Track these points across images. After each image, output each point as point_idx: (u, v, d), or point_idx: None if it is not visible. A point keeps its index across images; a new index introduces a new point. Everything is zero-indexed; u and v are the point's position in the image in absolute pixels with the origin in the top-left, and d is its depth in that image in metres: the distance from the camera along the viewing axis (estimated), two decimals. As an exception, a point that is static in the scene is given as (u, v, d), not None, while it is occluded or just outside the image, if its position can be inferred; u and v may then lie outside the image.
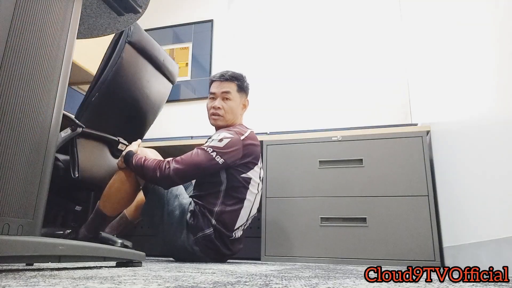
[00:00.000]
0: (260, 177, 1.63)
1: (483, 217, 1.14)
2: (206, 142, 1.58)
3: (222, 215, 1.50)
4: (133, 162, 1.51)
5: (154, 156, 1.61)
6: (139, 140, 1.69)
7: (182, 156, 1.49)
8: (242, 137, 1.54)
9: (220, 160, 1.47)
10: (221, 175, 1.53)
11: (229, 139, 1.51)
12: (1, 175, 0.68)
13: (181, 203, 1.52)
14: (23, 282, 0.51)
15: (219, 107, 1.66)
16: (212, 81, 1.73)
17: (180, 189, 1.56)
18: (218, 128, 1.69)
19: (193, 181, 1.79)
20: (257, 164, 1.59)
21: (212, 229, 1.48)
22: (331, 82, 2.69)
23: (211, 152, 1.47)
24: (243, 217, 1.55)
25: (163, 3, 3.27)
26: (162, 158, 1.62)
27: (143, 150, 1.61)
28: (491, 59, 1.03)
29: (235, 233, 1.54)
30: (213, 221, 1.49)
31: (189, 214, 1.51)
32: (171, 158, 1.50)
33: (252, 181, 1.56)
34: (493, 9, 1.01)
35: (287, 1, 2.98)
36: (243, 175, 1.54)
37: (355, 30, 2.74)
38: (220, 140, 1.51)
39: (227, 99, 1.67)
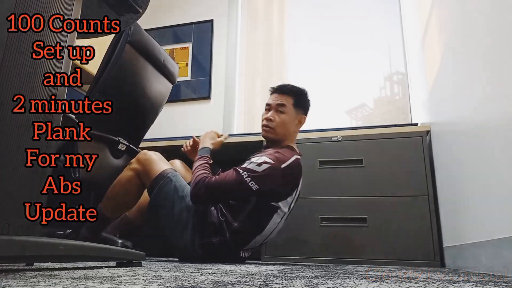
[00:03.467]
0: (290, 207, 1.54)
1: (483, 217, 1.14)
2: (246, 161, 1.49)
3: (237, 234, 1.46)
4: (196, 161, 1.53)
5: (160, 159, 1.59)
6: (213, 132, 1.69)
7: (217, 176, 1.43)
8: (283, 165, 1.43)
9: (254, 186, 1.38)
10: (251, 200, 1.47)
11: (268, 165, 1.40)
12: (1, 175, 0.68)
13: (188, 205, 1.49)
14: (23, 282, 0.51)
15: (271, 119, 1.58)
16: (271, 92, 1.67)
17: (186, 190, 1.53)
18: (268, 140, 1.63)
19: None
20: (291, 195, 1.52)
21: (220, 238, 1.46)
22: (331, 82, 2.69)
23: (246, 176, 1.38)
24: (257, 242, 1.52)
25: (163, 3, 3.27)
26: (166, 162, 1.62)
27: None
28: (491, 58, 1.03)
29: (242, 253, 1.52)
30: (227, 234, 1.45)
31: (197, 216, 1.48)
32: (211, 176, 1.45)
33: (279, 211, 1.49)
34: (493, 8, 1.01)
35: (286, 1, 2.98)
36: (272, 203, 1.47)
37: (355, 29, 2.74)
38: (259, 164, 1.41)
39: (281, 112, 1.58)
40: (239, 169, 1.42)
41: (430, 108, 1.86)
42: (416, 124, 2.03)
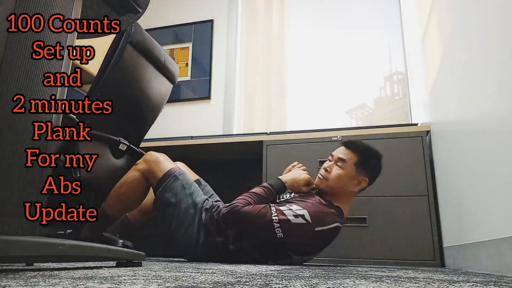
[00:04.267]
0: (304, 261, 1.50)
1: (483, 217, 1.14)
2: (287, 202, 1.42)
3: (242, 250, 1.45)
4: (257, 187, 1.47)
5: (166, 160, 1.59)
6: (305, 175, 1.52)
7: (250, 206, 1.37)
8: (317, 228, 1.35)
9: (279, 234, 1.33)
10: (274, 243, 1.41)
11: (304, 222, 1.33)
12: (1, 175, 0.68)
13: (195, 202, 1.50)
14: (23, 282, 0.51)
15: (327, 170, 1.49)
16: (340, 144, 1.56)
17: (193, 187, 1.54)
18: (320, 190, 1.51)
19: (202, 182, 1.77)
20: (311, 255, 1.48)
21: (223, 239, 1.46)
22: (331, 82, 2.69)
23: (276, 221, 1.32)
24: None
25: (163, 3, 3.27)
26: (172, 162, 1.62)
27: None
28: (491, 58, 1.03)
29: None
30: (232, 246, 1.45)
31: (204, 213, 1.49)
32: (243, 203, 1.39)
33: (288, 261, 1.45)
34: (493, 8, 1.01)
35: (287, 1, 2.98)
36: (289, 252, 1.43)
37: (355, 30, 2.74)
38: (296, 216, 1.33)
39: (339, 167, 1.47)
40: (273, 210, 1.35)
41: (430, 108, 1.86)
42: (416, 124, 2.03)
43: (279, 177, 1.53)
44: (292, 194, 1.55)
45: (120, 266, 0.96)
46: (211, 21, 3.07)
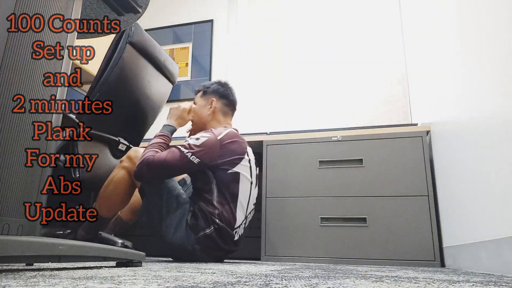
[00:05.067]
0: (251, 173, 1.60)
1: (483, 217, 1.14)
2: (185, 140, 1.58)
3: (223, 214, 1.49)
4: (153, 138, 1.60)
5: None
6: (181, 110, 1.70)
7: (160, 153, 1.49)
8: (219, 137, 1.52)
9: (195, 160, 1.46)
10: (208, 172, 1.52)
11: (206, 138, 1.50)
12: (1, 175, 0.68)
13: (180, 203, 1.51)
14: (23, 282, 0.51)
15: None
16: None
17: (178, 190, 1.55)
18: (195, 130, 1.74)
19: (187, 180, 1.78)
20: (243, 159, 1.57)
21: (212, 228, 1.47)
22: (331, 82, 2.69)
23: (186, 152, 1.47)
24: (240, 215, 1.54)
25: (163, 3, 3.27)
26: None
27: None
28: (491, 58, 1.03)
29: (236, 232, 1.53)
30: (217, 220, 1.47)
31: (190, 214, 1.50)
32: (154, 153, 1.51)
33: (242, 176, 1.55)
34: (493, 8, 1.01)
35: (286, 1, 2.98)
36: (230, 171, 1.52)
37: (355, 30, 2.74)
38: (197, 139, 1.50)
39: (194, 105, 1.77)
40: (179, 146, 1.49)
41: (430, 108, 1.87)
42: (416, 124, 2.03)
43: (165, 123, 1.69)
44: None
45: (120, 266, 0.96)
46: (211, 21, 3.07)
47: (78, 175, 1.45)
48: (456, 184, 1.43)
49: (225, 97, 1.77)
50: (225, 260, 1.73)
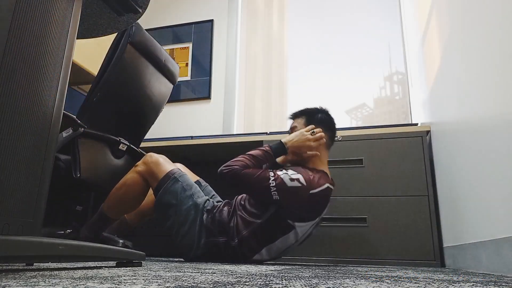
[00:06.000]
0: (307, 233, 1.49)
1: (483, 217, 1.14)
2: (283, 169, 1.46)
3: (245, 242, 1.45)
4: (257, 148, 1.52)
5: (166, 161, 1.59)
6: (307, 137, 1.53)
7: (249, 170, 1.43)
8: (311, 191, 1.40)
9: (275, 196, 1.38)
10: (271, 206, 1.44)
11: (299, 185, 1.38)
12: (1, 175, 0.68)
13: (196, 203, 1.50)
14: (23, 282, 0.51)
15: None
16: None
17: (194, 188, 1.54)
18: (293, 160, 1.58)
19: (202, 182, 1.77)
20: (311, 220, 1.47)
21: (226, 240, 1.46)
22: (331, 82, 2.69)
23: (273, 185, 1.38)
24: (263, 255, 1.48)
25: (163, 3, 3.27)
26: (172, 164, 1.61)
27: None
28: (491, 58, 1.03)
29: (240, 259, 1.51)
30: (236, 240, 1.45)
31: (205, 214, 1.49)
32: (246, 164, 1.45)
33: (293, 232, 1.45)
34: (493, 8, 1.01)
35: (286, 1, 2.98)
36: (289, 221, 1.43)
37: (355, 30, 2.74)
38: (292, 180, 1.39)
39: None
40: (270, 175, 1.41)
41: (430, 108, 1.87)
42: (416, 124, 2.03)
43: (282, 139, 1.55)
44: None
45: (120, 266, 0.96)
46: (211, 21, 3.08)
47: (78, 175, 1.45)
48: (456, 184, 1.43)
49: (330, 129, 1.60)
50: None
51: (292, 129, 1.62)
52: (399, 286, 0.60)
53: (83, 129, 1.42)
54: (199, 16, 3.13)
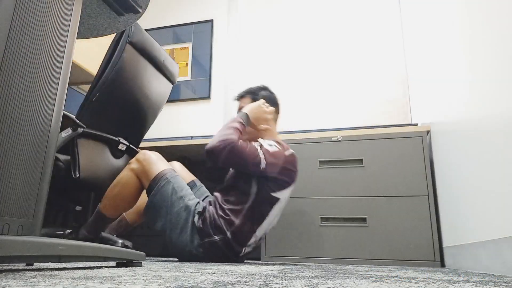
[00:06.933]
0: (286, 198, 1.57)
1: (483, 217, 1.14)
2: (255, 143, 1.53)
3: (240, 230, 1.47)
4: (232, 121, 1.54)
5: (159, 159, 1.59)
6: (258, 103, 1.63)
7: (241, 142, 1.46)
8: (286, 152, 1.51)
9: (263, 164, 1.44)
10: (252, 187, 1.49)
11: (277, 149, 1.49)
12: (1, 175, 0.68)
13: (187, 205, 1.50)
14: (23, 282, 0.51)
15: None
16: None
17: (185, 190, 1.53)
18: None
19: (197, 183, 1.77)
20: (289, 187, 1.54)
21: (221, 236, 1.46)
22: (331, 82, 2.69)
23: (262, 154, 1.45)
24: (257, 235, 1.52)
25: (163, 3, 3.27)
26: (165, 162, 1.61)
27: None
28: (491, 58, 1.03)
29: (245, 249, 1.52)
30: (228, 234, 1.46)
31: (196, 217, 1.48)
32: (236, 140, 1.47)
33: (278, 203, 1.52)
34: (494, 8, 1.01)
35: (286, 1, 2.98)
36: (273, 194, 1.50)
37: (355, 30, 2.74)
38: (270, 145, 1.49)
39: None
40: (256, 145, 1.47)
41: (430, 108, 1.87)
42: (416, 124, 2.03)
43: (244, 110, 1.61)
44: None
45: (120, 266, 0.96)
46: (211, 21, 3.08)
47: (78, 175, 1.45)
48: (456, 184, 1.43)
49: (275, 104, 1.72)
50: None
51: (240, 109, 1.69)
52: (399, 286, 0.60)
53: (82, 129, 1.42)
54: (199, 16, 3.13)
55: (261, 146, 1.48)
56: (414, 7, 2.20)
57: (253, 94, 1.70)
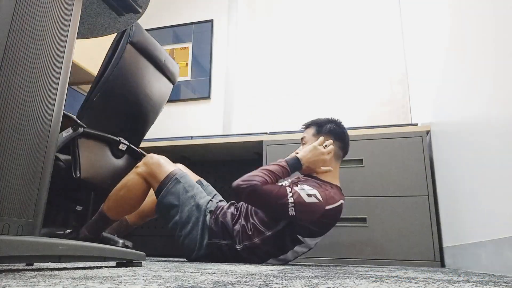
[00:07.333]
0: (310, 246, 1.51)
1: (483, 217, 1.14)
2: (299, 183, 1.45)
3: (255, 250, 1.45)
4: (273, 163, 1.48)
5: (167, 161, 1.59)
6: (320, 151, 1.52)
7: (269, 185, 1.40)
8: (327, 207, 1.40)
9: (291, 212, 1.37)
10: (282, 220, 1.44)
11: (316, 201, 1.39)
12: (1, 175, 0.68)
13: (198, 204, 1.50)
14: (23, 282, 0.51)
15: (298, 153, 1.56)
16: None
17: (196, 189, 1.54)
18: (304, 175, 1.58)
19: (203, 182, 1.76)
20: (321, 236, 1.49)
21: (229, 243, 1.45)
22: (331, 82, 2.69)
23: (290, 201, 1.37)
24: (273, 261, 1.50)
25: (163, 3, 3.27)
26: (173, 164, 1.61)
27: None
28: (492, 58, 1.03)
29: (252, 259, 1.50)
30: (241, 243, 1.44)
31: (208, 216, 1.48)
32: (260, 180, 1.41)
33: (304, 245, 1.47)
34: (494, 8, 1.01)
35: (287, 1, 2.98)
36: (299, 236, 1.44)
37: (355, 30, 2.74)
38: (309, 196, 1.39)
39: (303, 144, 1.62)
40: (288, 191, 1.39)
41: (430, 108, 1.87)
42: (416, 124, 2.03)
43: (297, 155, 1.53)
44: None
45: (120, 266, 0.96)
46: (211, 21, 3.08)
47: (79, 175, 1.45)
48: (456, 184, 1.43)
49: (341, 139, 1.60)
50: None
51: (302, 139, 1.64)
52: (399, 286, 0.60)
53: (83, 129, 1.42)
54: (199, 16, 3.13)
55: (294, 192, 1.39)
56: (414, 7, 2.20)
57: (318, 126, 1.62)
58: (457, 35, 1.35)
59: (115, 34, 1.55)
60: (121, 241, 1.58)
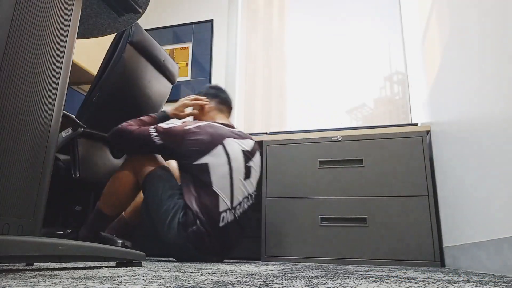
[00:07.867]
0: (230, 164, 1.56)
1: (483, 217, 1.14)
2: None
3: (202, 201, 1.47)
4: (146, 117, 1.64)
5: (152, 158, 1.61)
6: (184, 100, 1.76)
7: (133, 126, 1.55)
8: (186, 127, 1.56)
9: (158, 141, 1.52)
10: (182, 168, 1.56)
11: (173, 125, 1.57)
12: (1, 175, 0.68)
13: (176, 203, 1.50)
14: (23, 282, 0.51)
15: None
16: None
17: (175, 189, 1.54)
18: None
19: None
20: (211, 150, 1.54)
21: (199, 222, 1.45)
22: (331, 82, 2.69)
23: (153, 132, 1.53)
24: (223, 203, 1.50)
25: (163, 3, 3.27)
26: (159, 160, 1.62)
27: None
28: (491, 58, 1.03)
29: (222, 217, 1.49)
30: (198, 211, 1.46)
31: (182, 212, 1.49)
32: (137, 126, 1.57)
33: (211, 166, 1.52)
34: (493, 8, 1.01)
35: (286, 1, 2.98)
36: (195, 163, 1.52)
37: (355, 30, 2.74)
38: (167, 124, 1.59)
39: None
40: (151, 127, 1.55)
41: (430, 108, 1.87)
42: (416, 124, 2.03)
43: (162, 110, 1.75)
44: None
45: (120, 266, 0.96)
46: (211, 21, 3.07)
47: (77, 175, 1.45)
48: (456, 184, 1.43)
49: (217, 96, 1.85)
50: (224, 260, 1.73)
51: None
52: (399, 286, 0.60)
53: (82, 129, 1.42)
54: (199, 16, 3.13)
55: (156, 127, 1.55)
56: (414, 7, 2.20)
57: (203, 94, 1.86)
58: (457, 34, 1.35)
59: (115, 34, 1.55)
60: (120, 241, 1.58)
